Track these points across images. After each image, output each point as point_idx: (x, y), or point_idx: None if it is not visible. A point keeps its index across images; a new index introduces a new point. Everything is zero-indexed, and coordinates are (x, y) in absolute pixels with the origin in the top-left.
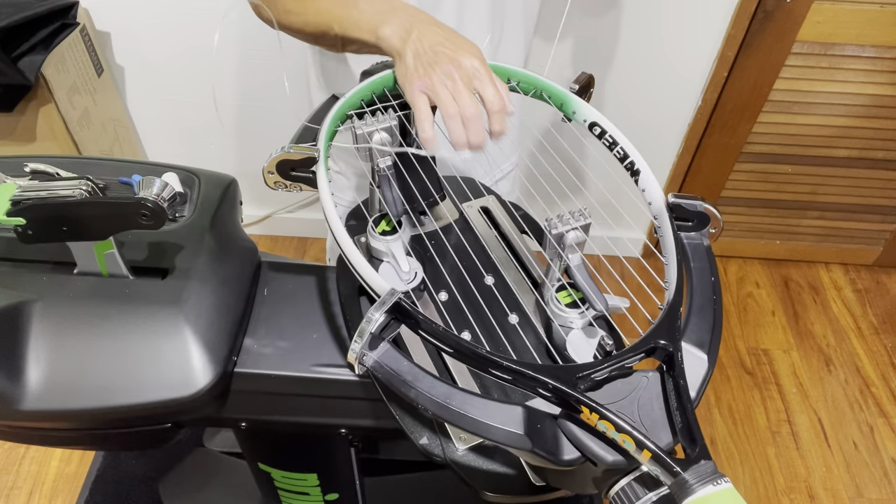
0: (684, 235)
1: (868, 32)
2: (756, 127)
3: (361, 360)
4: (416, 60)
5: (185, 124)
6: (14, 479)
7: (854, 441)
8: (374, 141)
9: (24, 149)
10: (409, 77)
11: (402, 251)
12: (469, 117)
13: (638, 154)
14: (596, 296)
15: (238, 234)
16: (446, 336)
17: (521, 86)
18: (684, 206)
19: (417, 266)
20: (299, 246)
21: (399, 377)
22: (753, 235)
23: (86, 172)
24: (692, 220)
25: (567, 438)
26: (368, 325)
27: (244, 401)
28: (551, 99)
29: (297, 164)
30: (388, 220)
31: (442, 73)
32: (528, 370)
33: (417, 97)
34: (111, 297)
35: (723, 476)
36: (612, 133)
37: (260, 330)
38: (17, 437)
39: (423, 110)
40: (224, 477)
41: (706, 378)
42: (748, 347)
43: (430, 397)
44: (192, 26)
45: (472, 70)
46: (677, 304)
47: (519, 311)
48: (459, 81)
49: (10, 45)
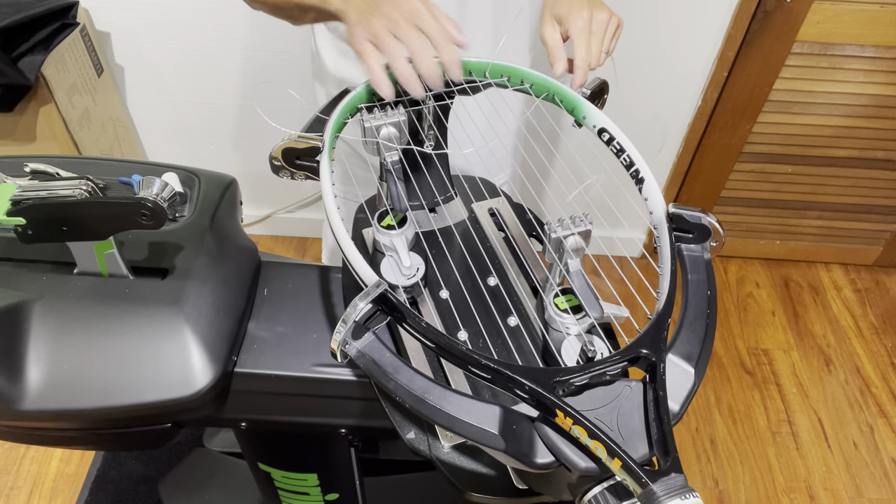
0: (685, 247)
1: (868, 32)
2: (756, 127)
3: (344, 348)
4: (357, 14)
5: (185, 124)
6: (14, 479)
7: (854, 441)
8: (381, 135)
9: (24, 149)
10: (353, 30)
11: (404, 246)
12: (414, 50)
13: (644, 162)
14: (590, 303)
15: (238, 234)
16: (428, 331)
17: (533, 88)
18: (685, 217)
19: (419, 262)
20: (299, 246)
21: (380, 368)
22: (753, 235)
23: (86, 172)
24: (692, 232)
25: (543, 442)
26: (352, 313)
27: (244, 401)
28: (563, 103)
29: (303, 154)
30: (393, 215)
31: (382, 17)
32: (505, 370)
33: (363, 46)
34: (111, 297)
35: (692, 490)
36: (620, 140)
37: (260, 330)
38: (17, 437)
39: (371, 57)
40: (224, 477)
41: (692, 391)
42: (748, 347)
43: (408, 390)
44: (192, 26)
45: (412, 9)
46: (665, 315)
47: (520, 313)
48: (400, 20)
49: (10, 45)
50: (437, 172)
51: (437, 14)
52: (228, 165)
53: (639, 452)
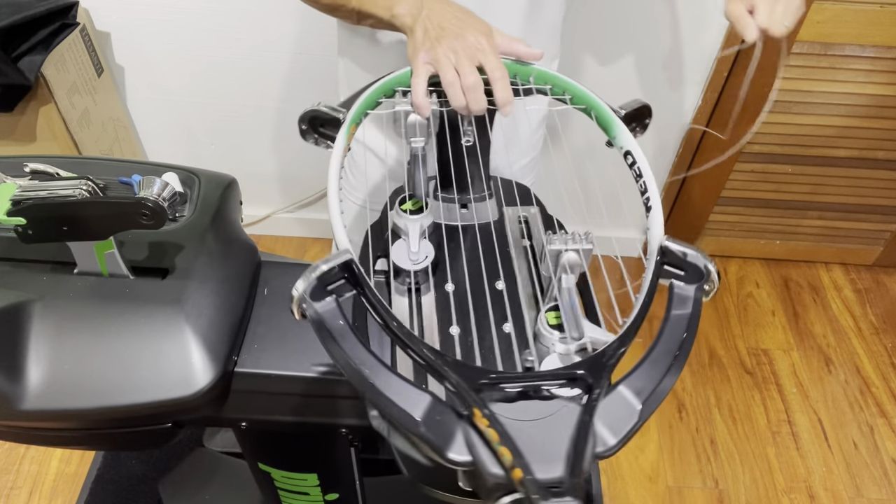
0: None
1: (868, 32)
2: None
3: (303, 306)
4: (424, 35)
5: (185, 124)
6: (14, 479)
7: (854, 441)
8: (408, 120)
9: (24, 149)
10: (416, 50)
11: (416, 232)
12: (468, 85)
13: (657, 193)
14: (571, 323)
15: (238, 234)
16: (378, 307)
17: (573, 101)
18: (676, 254)
19: (430, 250)
20: (299, 246)
21: (329, 333)
22: (753, 235)
23: (86, 172)
24: (685, 270)
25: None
26: (311, 273)
27: (244, 401)
28: (598, 120)
29: (326, 123)
30: (413, 202)
31: (447, 48)
32: (435, 359)
33: (421, 67)
34: (111, 297)
35: None
36: (642, 166)
37: (260, 330)
38: (17, 437)
39: (420, 77)
40: (224, 477)
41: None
42: (748, 347)
43: (347, 358)
44: (192, 26)
45: (476, 44)
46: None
47: (517, 321)
48: (462, 53)
49: (10, 45)
50: (478, 171)
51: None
52: (228, 165)
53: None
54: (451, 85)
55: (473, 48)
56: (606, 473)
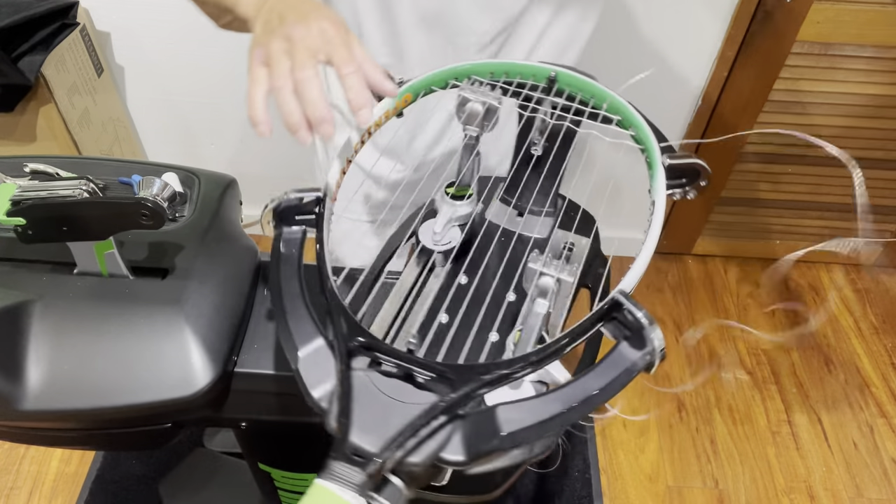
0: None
1: (868, 32)
2: (756, 127)
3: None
4: (262, 28)
5: (185, 124)
6: (14, 479)
7: (854, 441)
8: (466, 108)
9: (24, 149)
10: (251, 47)
11: (446, 215)
12: (300, 80)
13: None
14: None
15: (238, 234)
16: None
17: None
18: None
19: (455, 238)
20: None
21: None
22: (753, 235)
23: (86, 172)
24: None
25: (331, 389)
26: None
27: (244, 401)
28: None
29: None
30: (464, 188)
31: (282, 38)
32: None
33: (256, 70)
34: (111, 297)
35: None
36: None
37: (260, 330)
38: (17, 437)
39: (256, 83)
40: (224, 477)
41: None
42: (748, 347)
43: (277, 286)
44: (192, 26)
45: (320, 33)
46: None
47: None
48: (299, 43)
49: (10, 45)
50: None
51: (354, 40)
52: (228, 165)
53: (364, 443)
54: (280, 90)
55: (317, 38)
56: (606, 473)
